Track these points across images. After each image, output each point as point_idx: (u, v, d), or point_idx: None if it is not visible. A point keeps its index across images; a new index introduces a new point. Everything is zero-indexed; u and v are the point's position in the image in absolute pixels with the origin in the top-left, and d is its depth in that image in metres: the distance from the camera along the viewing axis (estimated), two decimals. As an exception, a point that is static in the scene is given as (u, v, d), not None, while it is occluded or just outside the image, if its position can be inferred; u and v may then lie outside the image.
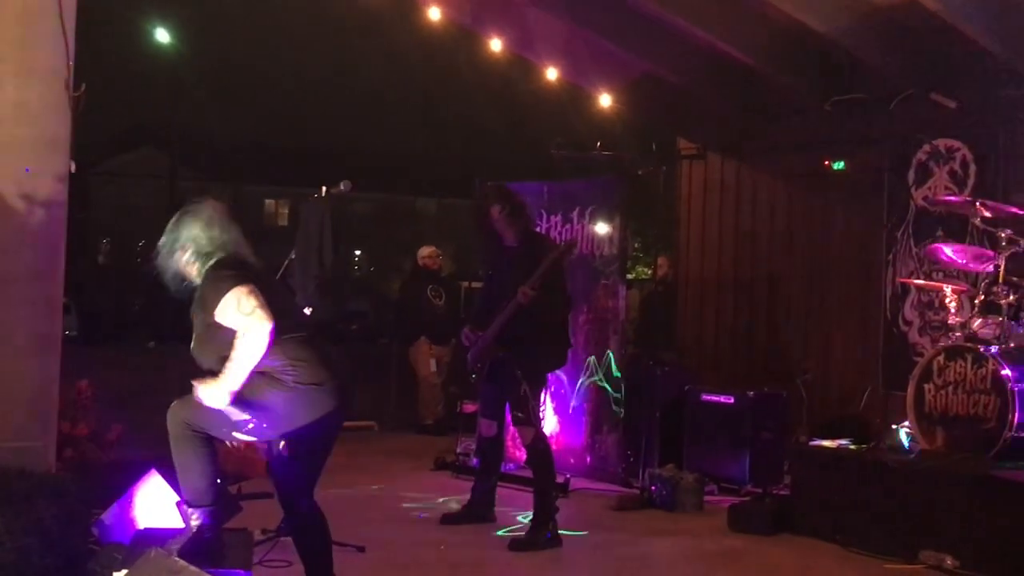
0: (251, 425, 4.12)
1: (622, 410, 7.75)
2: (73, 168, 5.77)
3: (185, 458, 4.11)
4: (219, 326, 4.06)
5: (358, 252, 48.31)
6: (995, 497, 5.48)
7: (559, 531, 6.01)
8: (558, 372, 7.38)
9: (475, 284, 13.48)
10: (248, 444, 4.33)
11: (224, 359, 4.01)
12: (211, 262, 4.22)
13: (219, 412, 4.06)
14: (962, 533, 5.54)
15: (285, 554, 5.28)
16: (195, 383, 4.07)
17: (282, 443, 4.21)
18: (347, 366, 4.33)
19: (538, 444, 6.15)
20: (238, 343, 3.99)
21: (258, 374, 4.06)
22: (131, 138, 42.05)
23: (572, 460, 7.87)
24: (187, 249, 4.24)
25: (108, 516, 5.15)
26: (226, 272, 4.13)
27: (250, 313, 3.97)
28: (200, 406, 4.06)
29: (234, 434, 4.19)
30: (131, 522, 5.05)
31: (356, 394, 4.42)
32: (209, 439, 4.15)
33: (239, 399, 4.04)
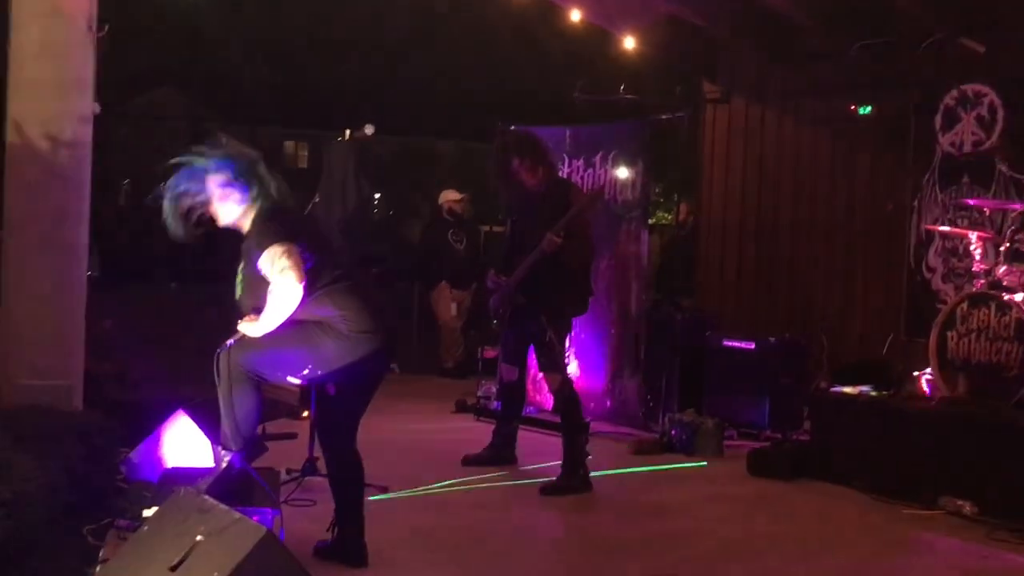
0: (306, 370, 4.24)
1: (643, 354, 7.78)
2: (98, 109, 5.78)
3: (234, 400, 4.20)
4: (260, 276, 4.16)
5: (377, 195, 48.18)
6: (1015, 445, 5.49)
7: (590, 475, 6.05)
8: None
9: (495, 228, 13.45)
10: (287, 386, 4.43)
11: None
12: (258, 212, 4.30)
13: (278, 355, 4.19)
14: (982, 480, 5.56)
15: (310, 493, 5.37)
16: (241, 322, 4.21)
17: (331, 385, 4.30)
18: (392, 312, 4.44)
19: (565, 389, 6.16)
20: (270, 298, 4.12)
21: (314, 323, 4.20)
22: (150, 78, 41.93)
23: (592, 404, 7.90)
24: (237, 192, 4.28)
25: (136, 455, 5.23)
26: (271, 226, 4.22)
27: (281, 272, 4.08)
28: (258, 350, 4.18)
29: (288, 378, 4.29)
30: (159, 461, 5.13)
31: (398, 340, 4.53)
32: (259, 384, 4.24)
33: (299, 348, 4.18)
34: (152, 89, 42.28)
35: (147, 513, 3.87)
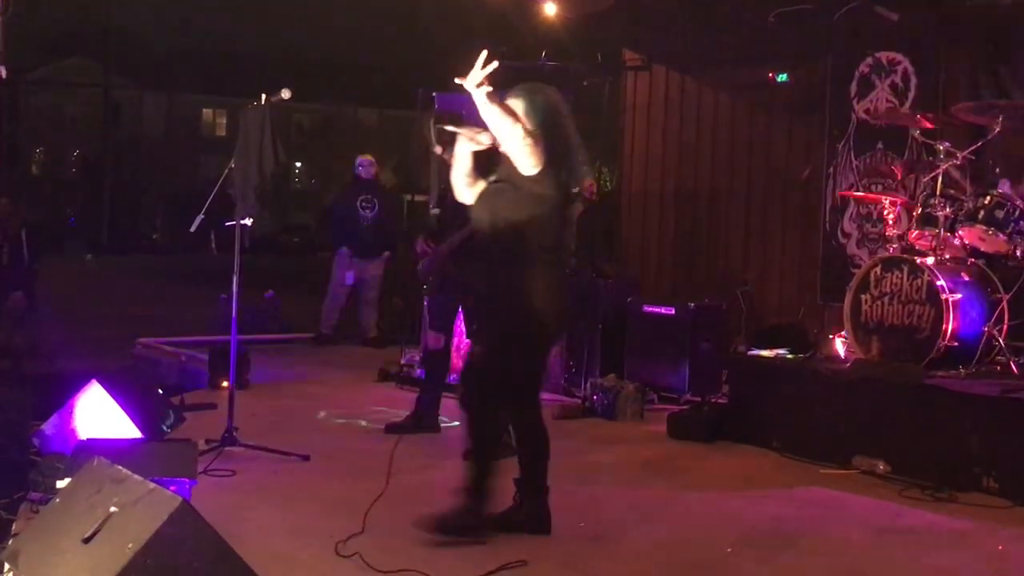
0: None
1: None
2: (4, 74, 5.62)
3: None
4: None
5: (299, 164, 47.63)
6: (927, 404, 5.63)
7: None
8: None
9: (418, 197, 13.35)
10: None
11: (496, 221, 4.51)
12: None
13: None
14: (894, 439, 5.69)
15: (229, 464, 5.30)
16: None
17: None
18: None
19: None
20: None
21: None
22: (62, 45, 40.86)
23: (515, 371, 7.91)
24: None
25: (48, 426, 5.13)
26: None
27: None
28: None
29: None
30: (72, 432, 5.03)
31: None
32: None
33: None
34: (64, 57, 41.24)
35: (60, 485, 3.79)
